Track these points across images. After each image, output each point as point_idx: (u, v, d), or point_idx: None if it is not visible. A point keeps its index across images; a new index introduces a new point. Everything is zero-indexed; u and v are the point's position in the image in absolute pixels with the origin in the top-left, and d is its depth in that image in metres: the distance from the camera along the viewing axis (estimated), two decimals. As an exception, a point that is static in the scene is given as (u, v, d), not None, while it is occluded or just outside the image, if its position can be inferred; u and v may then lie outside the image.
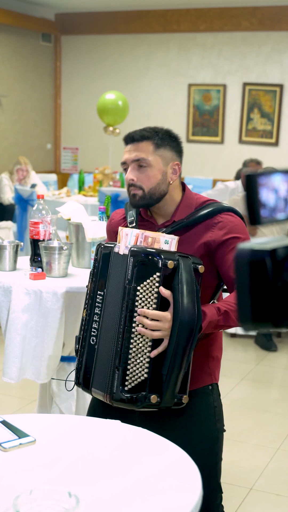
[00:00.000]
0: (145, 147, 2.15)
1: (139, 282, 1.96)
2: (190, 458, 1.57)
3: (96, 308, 2.10)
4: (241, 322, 0.94)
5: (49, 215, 3.00)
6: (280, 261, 0.91)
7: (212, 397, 2.19)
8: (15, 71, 9.21)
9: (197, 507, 1.37)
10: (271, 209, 0.94)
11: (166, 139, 2.17)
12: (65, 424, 1.78)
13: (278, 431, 3.96)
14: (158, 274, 1.94)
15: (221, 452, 2.22)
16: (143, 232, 2.02)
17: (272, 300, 0.91)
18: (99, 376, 2.06)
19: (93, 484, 1.44)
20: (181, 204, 2.18)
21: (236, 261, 0.93)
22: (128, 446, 1.65)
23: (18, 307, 2.75)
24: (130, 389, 1.95)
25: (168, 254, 1.96)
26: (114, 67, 9.55)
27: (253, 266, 0.91)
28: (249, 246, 0.92)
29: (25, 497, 1.29)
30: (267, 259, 0.90)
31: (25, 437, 1.64)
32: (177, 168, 2.17)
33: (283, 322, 0.92)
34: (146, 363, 1.96)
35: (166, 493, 1.41)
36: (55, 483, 1.44)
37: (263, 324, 0.93)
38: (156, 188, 2.14)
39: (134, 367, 1.96)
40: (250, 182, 0.93)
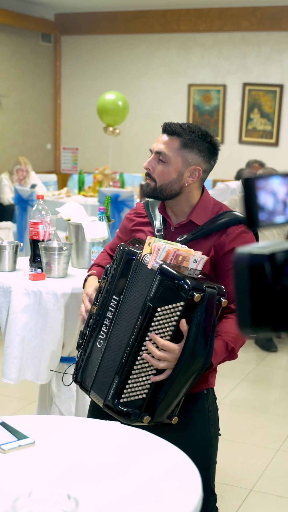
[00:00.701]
0: (172, 142, 2.12)
1: (160, 303, 1.89)
2: (190, 460, 1.56)
3: (109, 312, 2.08)
4: (240, 327, 0.94)
5: (48, 215, 2.99)
6: (279, 266, 0.90)
7: (207, 402, 2.17)
8: (15, 71, 9.21)
9: (197, 509, 1.36)
10: (269, 212, 0.93)
11: (197, 142, 2.11)
12: (64, 426, 1.77)
13: (278, 431, 3.95)
14: (182, 303, 1.88)
15: (215, 456, 2.20)
16: (175, 251, 1.95)
17: (271, 305, 0.91)
18: (100, 381, 2.05)
19: (93, 486, 1.43)
20: (197, 206, 2.16)
21: (235, 265, 0.92)
22: (127, 448, 1.64)
23: (18, 307, 2.74)
24: (125, 403, 1.96)
25: (196, 283, 1.88)
26: (114, 67, 9.55)
27: (252, 271, 0.91)
28: (248, 250, 0.92)
29: (24, 500, 1.28)
30: (266, 264, 0.90)
31: (24, 438, 1.64)
32: (196, 173, 2.13)
33: (282, 326, 0.92)
34: (148, 384, 1.95)
35: (166, 495, 1.41)
36: (54, 485, 1.43)
37: (262, 329, 0.92)
38: (168, 185, 2.13)
39: (134, 384, 1.95)
40: (248, 185, 0.92)
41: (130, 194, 6.70)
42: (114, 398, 1.96)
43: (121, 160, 9.28)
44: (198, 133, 2.12)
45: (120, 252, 2.09)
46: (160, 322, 1.91)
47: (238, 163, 8.04)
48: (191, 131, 2.11)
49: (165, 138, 2.14)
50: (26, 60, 9.39)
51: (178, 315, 1.89)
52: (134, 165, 9.11)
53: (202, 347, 1.90)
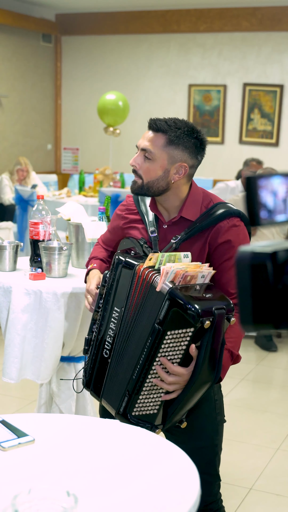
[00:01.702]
0: (157, 139, 2.11)
1: (170, 327, 1.87)
2: (188, 456, 1.57)
3: (111, 323, 2.08)
4: (242, 324, 0.95)
5: (49, 215, 3.00)
6: (280, 264, 0.92)
7: (213, 391, 2.19)
8: (16, 72, 9.22)
9: (195, 506, 1.37)
10: (270, 211, 0.95)
11: (184, 138, 2.09)
12: (64, 424, 1.78)
13: (278, 431, 3.96)
14: (192, 329, 1.86)
15: (220, 443, 2.24)
16: (184, 273, 1.92)
17: (272, 303, 0.92)
18: (110, 391, 2.07)
19: (92, 483, 1.44)
20: (187, 200, 2.15)
21: (237, 263, 0.94)
22: (127, 445, 1.65)
23: (18, 307, 2.75)
24: (137, 416, 1.97)
25: (206, 307, 1.85)
26: (114, 67, 9.56)
27: (254, 269, 0.92)
28: (250, 249, 0.93)
29: (23, 497, 1.29)
30: (268, 262, 0.91)
31: (24, 436, 1.65)
32: (183, 170, 2.11)
33: (283, 324, 0.93)
34: (159, 401, 1.96)
35: (164, 492, 1.42)
36: (53, 482, 1.44)
37: (264, 326, 0.94)
38: (155, 183, 2.12)
39: (145, 400, 1.96)
40: (250, 184, 0.94)
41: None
42: (125, 411, 1.97)
43: (121, 160, 9.28)
44: (184, 129, 2.10)
45: (117, 262, 2.08)
46: (170, 345, 1.90)
47: (238, 163, 8.04)
48: (177, 127, 2.10)
49: (151, 134, 2.12)
50: (27, 60, 9.40)
51: (188, 340, 1.88)
52: (134, 165, 9.09)
53: (211, 368, 1.91)
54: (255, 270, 0.92)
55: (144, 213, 2.25)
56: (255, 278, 0.92)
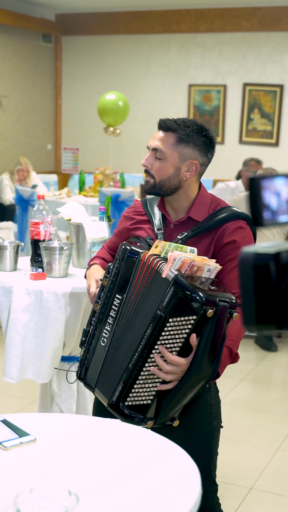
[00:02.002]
0: (168, 138, 2.14)
1: (172, 314, 1.87)
2: (190, 456, 1.57)
3: (112, 310, 2.08)
4: (245, 324, 0.96)
5: (49, 215, 3.00)
6: (284, 265, 0.92)
7: (209, 395, 2.19)
8: (16, 72, 9.22)
9: (196, 506, 1.38)
10: (273, 212, 0.95)
11: (193, 136, 2.13)
12: (65, 423, 1.79)
13: (278, 431, 3.97)
14: (195, 317, 1.85)
15: (216, 448, 2.23)
16: (191, 261, 1.93)
17: (275, 303, 0.93)
18: (105, 380, 2.06)
19: (93, 482, 1.45)
20: (196, 202, 2.18)
21: (240, 264, 0.94)
22: (128, 445, 1.66)
23: (19, 307, 2.75)
24: (130, 406, 1.96)
25: (210, 297, 1.85)
26: (114, 67, 9.56)
27: (257, 270, 0.93)
28: (253, 249, 0.94)
29: (25, 496, 1.29)
30: (271, 263, 0.92)
31: (26, 436, 1.65)
32: (194, 167, 2.15)
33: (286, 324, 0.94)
34: (154, 391, 1.95)
35: (165, 491, 1.42)
36: (55, 481, 1.45)
37: (266, 326, 0.94)
38: (167, 181, 2.15)
39: (140, 390, 1.96)
40: (253, 185, 0.94)
41: (130, 194, 6.71)
42: (119, 400, 1.97)
43: (121, 160, 9.29)
44: (193, 127, 2.13)
45: (122, 251, 2.10)
46: (171, 333, 1.89)
47: (238, 163, 8.04)
48: (186, 126, 2.13)
49: (161, 134, 2.16)
50: (27, 60, 9.40)
51: (190, 328, 1.87)
52: (134, 165, 9.12)
53: (210, 361, 1.90)
54: (258, 270, 0.93)
55: (151, 213, 2.27)
56: (258, 278, 0.93)
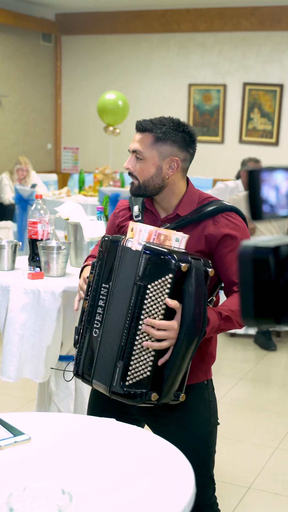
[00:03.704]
0: (145, 139, 2.15)
1: (150, 280, 1.93)
2: (184, 455, 1.57)
3: (100, 300, 2.10)
4: (243, 318, 0.95)
5: (47, 215, 3.00)
6: (283, 259, 0.92)
7: (207, 392, 2.20)
8: (16, 71, 9.22)
9: (190, 504, 1.38)
10: (272, 205, 0.95)
11: (170, 133, 2.13)
12: (60, 422, 1.79)
13: (277, 430, 3.96)
14: (171, 275, 1.91)
15: (214, 445, 2.24)
16: (156, 230, 2.00)
17: (274, 297, 0.92)
18: (101, 368, 2.06)
19: (87, 481, 1.45)
20: (183, 199, 2.18)
21: (239, 258, 0.94)
22: (122, 444, 1.66)
23: (16, 306, 2.75)
24: (130, 385, 1.95)
25: (182, 256, 1.93)
26: (114, 67, 9.56)
27: (256, 264, 0.93)
28: (253, 243, 0.93)
29: (18, 495, 1.29)
30: (270, 257, 0.92)
31: (20, 435, 1.65)
32: (175, 164, 2.15)
33: (285, 319, 0.93)
34: (150, 361, 1.95)
35: (159, 490, 1.42)
36: (48, 480, 1.45)
37: (265, 320, 0.94)
38: (150, 181, 2.15)
39: (137, 364, 1.96)
40: (252, 178, 0.94)
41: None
42: (119, 382, 1.96)
43: (121, 160, 9.28)
44: (169, 124, 2.14)
45: (105, 242, 2.13)
46: (153, 299, 1.93)
47: (238, 163, 8.04)
48: (162, 124, 2.14)
49: (139, 136, 2.18)
50: (27, 60, 9.40)
51: (169, 288, 1.92)
52: (134, 165, 9.10)
53: (198, 318, 1.92)
54: (257, 264, 0.93)
55: (133, 203, 2.29)
56: (257, 272, 0.93)
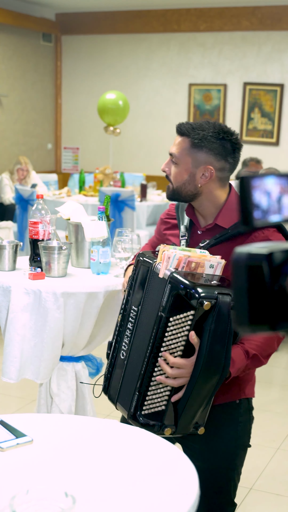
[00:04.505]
0: (182, 143, 2.08)
1: (172, 313, 1.84)
2: (188, 458, 1.56)
3: (129, 323, 2.06)
4: (238, 325, 0.95)
5: (48, 215, 2.99)
6: (277, 265, 0.92)
7: (238, 412, 2.13)
8: (16, 71, 9.22)
9: (194, 507, 1.37)
10: (264, 211, 0.94)
11: (208, 140, 2.04)
12: (63, 424, 1.78)
13: (278, 431, 3.96)
14: (193, 312, 1.82)
15: (240, 467, 2.16)
16: (187, 258, 1.89)
17: (269, 304, 0.92)
18: (125, 392, 2.03)
19: (90, 484, 1.44)
20: (224, 208, 2.09)
21: (233, 264, 0.94)
22: (125, 446, 1.65)
23: (18, 307, 2.75)
24: (147, 415, 1.92)
25: (208, 290, 1.81)
26: (114, 66, 9.56)
27: (250, 270, 0.93)
28: (247, 250, 0.93)
29: (21, 497, 1.28)
30: (264, 263, 0.92)
31: (23, 437, 1.64)
32: (208, 173, 2.06)
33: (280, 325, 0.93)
34: (166, 395, 1.91)
35: (163, 493, 1.41)
36: (51, 483, 1.44)
37: (260, 327, 0.94)
38: (182, 187, 2.09)
39: (153, 396, 1.92)
40: (243, 184, 0.93)
41: (130, 193, 6.70)
42: (136, 410, 1.93)
43: (121, 160, 9.28)
44: (209, 130, 2.05)
45: (136, 262, 2.07)
46: (174, 332, 1.86)
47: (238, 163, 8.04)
48: (202, 130, 2.05)
49: (178, 139, 2.10)
50: (27, 59, 9.40)
51: (190, 325, 1.83)
52: (134, 165, 9.11)
53: (218, 357, 1.84)
54: (251, 271, 0.92)
55: (180, 218, 2.21)
56: (252, 279, 0.92)
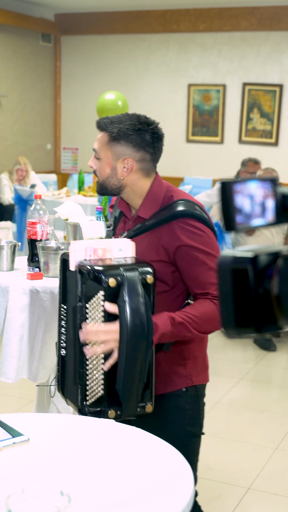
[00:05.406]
0: (102, 138, 2.11)
1: (87, 300, 1.94)
2: (183, 457, 1.57)
3: (62, 321, 2.11)
4: (224, 328, 0.96)
5: (46, 215, 3.00)
6: (261, 269, 0.93)
7: (185, 400, 2.14)
8: (15, 71, 9.22)
9: (189, 506, 1.37)
10: (246, 215, 0.95)
11: (124, 133, 2.06)
12: (59, 424, 1.78)
13: (276, 430, 3.96)
14: (102, 292, 1.90)
15: (193, 457, 2.16)
16: (91, 246, 1.97)
17: (254, 307, 0.93)
18: (69, 388, 2.08)
19: (86, 483, 1.44)
20: (145, 198, 2.11)
21: (219, 268, 0.95)
22: (121, 445, 1.66)
23: (16, 307, 2.75)
24: (91, 404, 1.97)
25: (112, 270, 1.90)
26: (113, 67, 9.56)
27: (235, 273, 0.94)
28: (232, 253, 0.95)
29: (17, 496, 1.29)
30: (248, 267, 0.93)
31: (19, 436, 1.65)
32: (128, 166, 2.08)
33: (264, 327, 0.94)
34: (101, 379, 1.96)
35: (158, 491, 1.42)
36: (47, 482, 1.44)
37: (245, 329, 0.95)
38: (106, 181, 2.12)
39: (92, 383, 1.97)
40: (224, 189, 0.95)
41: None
42: (82, 402, 1.97)
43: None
44: (125, 123, 2.07)
45: (60, 261, 2.13)
46: (93, 317, 1.93)
47: (237, 163, 8.03)
48: (119, 123, 2.07)
49: (98, 134, 2.14)
50: (26, 60, 9.40)
51: (102, 305, 1.91)
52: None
53: (140, 325, 1.88)
54: (236, 274, 0.94)
55: (114, 211, 2.28)
56: (237, 282, 0.94)
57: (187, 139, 9.17)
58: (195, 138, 9.15)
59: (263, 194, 0.96)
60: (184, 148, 9.20)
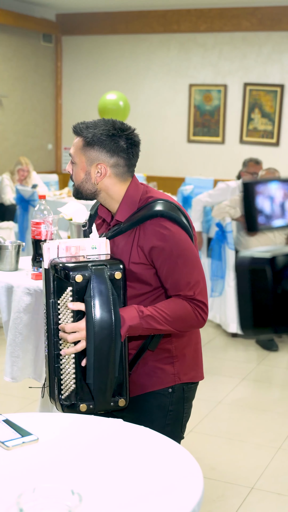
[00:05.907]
0: (77, 143, 2.13)
1: (58, 296, 2.02)
2: (192, 456, 1.57)
3: (44, 321, 2.14)
4: (242, 328, 0.96)
5: (50, 215, 3.00)
6: (279, 269, 0.93)
7: (169, 400, 2.14)
8: (16, 72, 9.22)
9: (199, 505, 1.38)
10: (267, 216, 0.96)
11: (99, 137, 2.06)
12: (67, 423, 1.79)
13: (279, 430, 3.96)
14: (71, 288, 1.99)
15: None
16: (64, 243, 2.04)
17: (272, 307, 0.93)
18: (51, 386, 2.11)
19: (96, 482, 1.45)
20: (122, 204, 2.11)
21: (236, 268, 0.95)
22: (130, 444, 1.66)
23: (20, 307, 2.75)
24: (66, 398, 2.03)
25: (79, 266, 1.98)
26: (114, 67, 9.56)
27: (253, 274, 0.94)
28: (250, 254, 0.95)
29: (28, 495, 1.29)
30: (267, 267, 0.93)
31: (28, 435, 1.65)
32: (102, 171, 2.09)
33: (282, 328, 0.94)
34: (73, 374, 2.02)
35: (168, 491, 1.42)
36: (58, 481, 1.45)
37: (263, 330, 0.95)
38: (81, 186, 2.14)
39: (65, 377, 2.03)
40: (247, 190, 0.95)
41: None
42: (59, 397, 2.03)
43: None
44: (100, 128, 2.07)
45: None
46: (63, 312, 2.01)
47: (239, 163, 8.04)
48: (94, 128, 2.08)
49: (75, 139, 2.15)
50: (27, 60, 9.40)
51: (71, 301, 1.99)
52: (135, 165, 9.09)
53: (106, 318, 1.94)
54: (254, 275, 0.94)
55: (91, 210, 2.31)
56: (255, 283, 0.94)
57: (188, 139, 9.17)
58: (196, 138, 9.16)
59: (283, 195, 0.96)
60: (185, 148, 9.21)
